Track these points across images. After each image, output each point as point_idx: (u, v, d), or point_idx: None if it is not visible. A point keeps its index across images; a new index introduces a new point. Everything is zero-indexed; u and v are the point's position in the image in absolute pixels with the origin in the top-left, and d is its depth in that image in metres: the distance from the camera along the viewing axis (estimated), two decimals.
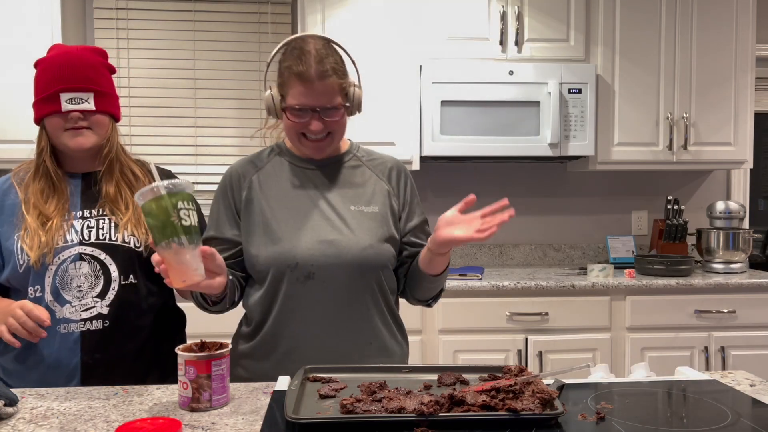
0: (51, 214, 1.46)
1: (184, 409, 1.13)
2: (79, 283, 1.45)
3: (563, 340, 2.81)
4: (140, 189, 1.12)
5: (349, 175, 1.53)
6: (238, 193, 1.50)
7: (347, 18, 2.98)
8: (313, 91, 1.38)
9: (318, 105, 1.39)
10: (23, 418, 1.09)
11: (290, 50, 1.43)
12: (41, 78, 1.47)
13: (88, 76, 1.47)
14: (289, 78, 1.40)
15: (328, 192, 1.49)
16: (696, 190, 3.59)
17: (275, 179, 1.50)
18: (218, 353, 1.14)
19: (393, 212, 1.52)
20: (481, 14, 3.03)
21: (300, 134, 1.44)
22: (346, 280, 1.43)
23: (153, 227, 1.11)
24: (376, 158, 1.58)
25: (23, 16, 2.86)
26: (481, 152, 2.95)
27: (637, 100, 3.11)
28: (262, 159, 1.55)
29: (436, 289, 1.55)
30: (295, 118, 1.41)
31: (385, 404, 1.03)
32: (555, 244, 3.51)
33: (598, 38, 3.08)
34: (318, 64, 1.38)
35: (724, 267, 3.11)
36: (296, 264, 1.41)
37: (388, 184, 1.54)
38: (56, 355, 1.43)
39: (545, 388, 1.07)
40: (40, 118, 1.48)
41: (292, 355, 1.43)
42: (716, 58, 3.13)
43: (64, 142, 1.47)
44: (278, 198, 1.48)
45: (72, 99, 1.45)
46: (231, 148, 3.36)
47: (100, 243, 1.47)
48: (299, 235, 1.43)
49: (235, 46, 3.33)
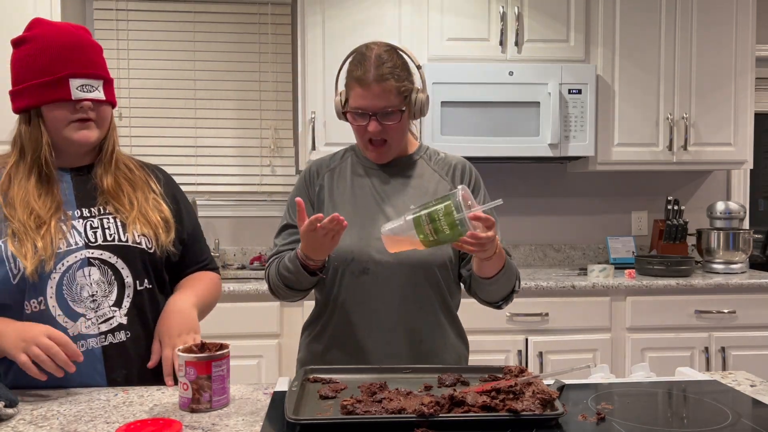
0: (45, 215, 1.27)
1: (184, 410, 1.13)
2: (91, 292, 1.28)
3: (563, 341, 2.81)
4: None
5: (414, 175, 1.57)
6: (312, 188, 1.58)
7: (347, 19, 2.98)
8: (370, 94, 1.44)
9: (374, 107, 1.44)
10: (24, 419, 1.09)
11: (354, 56, 1.51)
12: (39, 58, 1.27)
13: (96, 61, 1.31)
14: (350, 82, 1.48)
15: (391, 191, 1.54)
16: (696, 190, 3.59)
17: (343, 178, 1.57)
18: (218, 354, 1.14)
19: None
20: (481, 15, 3.03)
21: (366, 140, 1.50)
22: (400, 277, 1.47)
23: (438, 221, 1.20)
24: (442, 158, 1.61)
25: (23, 16, 2.85)
26: (482, 153, 2.95)
27: (637, 101, 3.11)
28: (336, 158, 1.62)
29: (498, 292, 1.49)
30: (354, 120, 1.49)
31: (385, 405, 1.04)
32: (555, 244, 3.51)
33: (598, 39, 3.08)
34: (376, 69, 1.44)
35: (724, 267, 3.11)
36: (352, 259, 1.48)
37: (450, 183, 1.57)
38: (79, 379, 1.25)
39: (546, 389, 1.07)
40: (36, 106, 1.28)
41: (340, 344, 1.51)
42: (716, 58, 3.13)
43: (67, 136, 1.29)
44: (343, 196, 1.55)
45: (83, 86, 1.28)
46: (230, 149, 3.36)
47: (109, 245, 1.31)
48: (357, 232, 1.48)
49: (235, 47, 3.33)
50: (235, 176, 3.35)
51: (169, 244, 1.40)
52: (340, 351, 1.52)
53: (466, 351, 1.61)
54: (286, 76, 3.36)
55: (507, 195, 3.46)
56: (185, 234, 1.48)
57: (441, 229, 1.20)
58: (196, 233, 1.53)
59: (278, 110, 3.37)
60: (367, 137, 1.49)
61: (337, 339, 1.52)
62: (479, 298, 1.56)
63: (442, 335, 1.53)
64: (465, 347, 1.61)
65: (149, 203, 1.40)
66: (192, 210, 1.55)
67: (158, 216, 1.40)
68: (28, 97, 1.29)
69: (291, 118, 3.37)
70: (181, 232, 1.46)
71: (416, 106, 1.51)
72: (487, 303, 1.56)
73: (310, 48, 2.97)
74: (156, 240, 1.37)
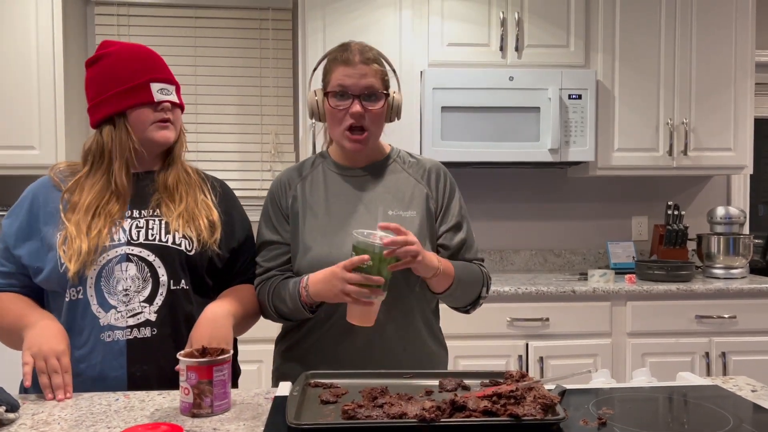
0: (103, 220, 1.36)
1: (185, 415, 1.13)
2: (125, 286, 1.34)
3: (564, 346, 2.80)
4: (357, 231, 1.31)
5: (389, 179, 1.54)
6: (285, 200, 1.54)
7: (348, 25, 2.99)
8: (356, 72, 1.42)
9: (359, 86, 1.42)
10: (25, 424, 1.09)
11: (333, 49, 1.50)
12: (119, 69, 1.38)
13: (167, 69, 1.45)
14: (333, 65, 1.46)
15: (368, 197, 1.52)
16: (696, 195, 3.59)
17: (317, 186, 1.54)
18: (220, 359, 1.14)
19: (430, 216, 1.52)
20: (482, 20, 3.04)
21: (344, 128, 1.46)
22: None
23: (365, 270, 1.29)
24: (416, 161, 1.59)
25: (25, 20, 2.86)
26: (482, 158, 2.96)
27: (637, 106, 3.12)
28: (306, 167, 1.59)
29: (458, 302, 1.53)
30: (336, 101, 1.44)
31: (386, 410, 1.03)
32: (555, 249, 3.51)
33: (598, 44, 3.09)
34: (361, 53, 1.45)
35: (724, 272, 3.11)
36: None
37: (426, 187, 1.54)
38: (100, 367, 1.32)
39: (547, 394, 1.07)
40: (121, 111, 1.38)
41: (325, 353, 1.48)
42: (716, 63, 3.14)
43: (150, 136, 1.40)
44: (319, 204, 1.52)
45: (162, 90, 1.40)
46: (232, 154, 3.36)
47: (149, 243, 1.37)
48: (334, 241, 1.46)
49: (236, 52, 3.34)
50: (236, 181, 3.35)
51: (213, 245, 1.43)
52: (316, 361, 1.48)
53: (446, 357, 1.61)
54: (286, 81, 3.36)
55: (507, 200, 3.47)
56: (236, 243, 1.51)
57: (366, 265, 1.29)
58: (247, 245, 1.55)
59: (279, 115, 3.37)
60: (346, 123, 1.44)
61: (311, 350, 1.50)
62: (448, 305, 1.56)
63: (422, 342, 1.52)
64: (444, 353, 1.61)
65: (198, 204, 1.46)
66: (248, 224, 1.58)
67: (205, 218, 1.44)
68: (113, 105, 1.39)
69: (292, 123, 3.37)
70: (231, 241, 1.49)
71: (394, 105, 1.50)
72: (454, 308, 1.57)
73: (311, 53, 2.98)
74: (198, 241, 1.41)
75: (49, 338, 1.26)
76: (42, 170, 2.72)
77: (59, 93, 2.88)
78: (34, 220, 1.39)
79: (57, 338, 1.27)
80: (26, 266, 1.38)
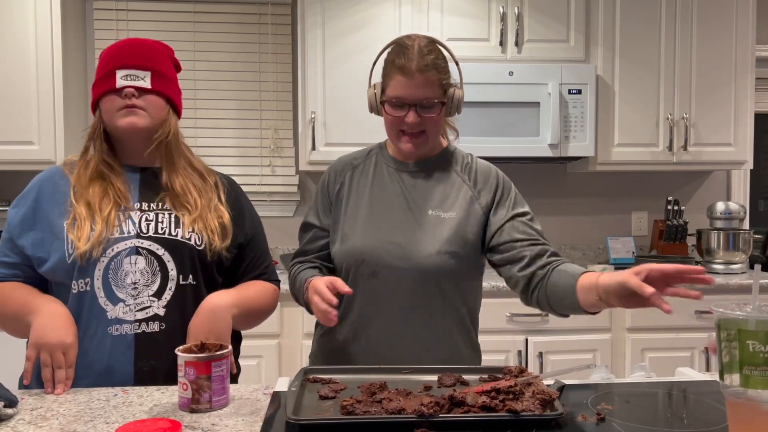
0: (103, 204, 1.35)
1: (183, 410, 1.13)
2: (134, 280, 1.33)
3: (563, 341, 2.80)
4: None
5: (436, 178, 1.52)
6: (333, 187, 1.56)
7: (347, 19, 2.98)
8: (413, 83, 1.40)
9: (416, 97, 1.40)
10: (23, 420, 1.09)
11: (394, 47, 1.46)
12: (100, 63, 1.41)
13: (145, 56, 1.40)
14: (391, 70, 1.43)
15: (412, 194, 1.50)
16: (696, 190, 3.58)
17: (366, 176, 1.55)
18: (218, 354, 1.14)
19: (475, 218, 1.48)
20: (481, 15, 3.03)
21: (398, 131, 1.46)
22: (409, 282, 1.44)
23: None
24: (468, 162, 1.56)
25: (24, 15, 2.85)
26: (481, 153, 2.89)
27: (637, 101, 3.11)
28: (361, 156, 1.60)
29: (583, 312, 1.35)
30: (392, 110, 1.44)
31: (385, 405, 1.03)
32: (555, 244, 3.51)
33: (598, 39, 3.08)
34: (420, 59, 1.40)
35: (724, 268, 3.11)
36: (363, 260, 1.45)
37: (472, 190, 1.51)
38: (108, 361, 1.31)
39: (545, 389, 1.07)
40: (96, 101, 1.40)
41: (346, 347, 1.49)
42: (716, 58, 3.13)
43: (115, 124, 1.38)
44: (363, 195, 1.52)
45: (127, 75, 1.37)
46: (231, 149, 3.36)
47: (159, 237, 1.36)
48: (370, 233, 1.47)
49: (235, 47, 3.33)
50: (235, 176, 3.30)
51: (222, 250, 1.43)
52: (350, 351, 1.49)
53: (478, 360, 1.57)
54: (286, 77, 3.36)
55: None
56: (243, 239, 1.50)
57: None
58: (256, 242, 1.54)
59: (278, 110, 3.36)
60: (401, 128, 1.44)
61: (347, 340, 1.49)
62: (551, 309, 1.39)
63: (451, 346, 1.48)
64: (477, 357, 1.57)
65: (211, 209, 1.45)
66: (257, 220, 1.58)
67: (216, 222, 1.44)
68: (93, 94, 1.41)
69: (291, 118, 3.37)
70: (238, 237, 1.48)
71: (454, 102, 1.48)
72: (556, 314, 1.42)
73: (311, 48, 2.97)
74: (209, 244, 1.40)
75: (57, 329, 1.25)
76: (41, 165, 2.73)
77: (58, 88, 2.88)
78: (40, 209, 1.38)
79: (65, 329, 1.26)
80: (30, 257, 1.36)
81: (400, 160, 1.54)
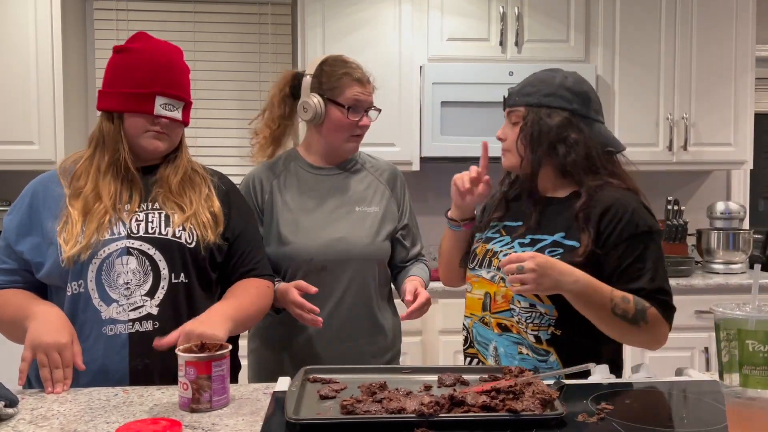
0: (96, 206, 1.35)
1: (184, 410, 1.13)
2: (126, 280, 1.34)
3: None
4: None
5: (354, 179, 1.77)
6: (260, 196, 1.73)
7: (347, 19, 2.98)
8: (366, 91, 1.70)
9: (369, 102, 1.71)
10: (24, 419, 1.09)
11: (334, 62, 1.72)
12: (134, 70, 1.39)
13: (183, 84, 1.43)
14: (348, 81, 1.67)
15: (337, 194, 1.73)
16: (696, 190, 3.58)
17: (292, 184, 1.73)
18: (218, 354, 1.14)
19: (392, 212, 1.77)
20: (482, 15, 3.03)
21: (348, 135, 1.69)
22: (352, 271, 1.67)
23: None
24: (374, 162, 1.82)
25: (23, 14, 2.85)
26: None
27: (637, 101, 3.11)
28: (278, 166, 1.77)
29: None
30: (352, 115, 1.67)
31: (385, 405, 1.03)
32: None
33: (598, 39, 3.08)
34: (365, 74, 1.72)
35: (724, 267, 3.11)
36: (311, 258, 1.65)
37: (387, 188, 1.79)
38: (102, 361, 1.32)
39: (545, 389, 1.07)
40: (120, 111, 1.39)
41: (299, 336, 1.67)
42: (716, 58, 3.13)
43: (141, 144, 1.41)
44: (294, 200, 1.71)
45: (166, 105, 1.40)
46: (230, 149, 3.35)
47: (149, 237, 1.37)
48: (313, 233, 1.67)
49: (235, 47, 3.33)
50: (234, 176, 3.31)
51: (217, 238, 1.44)
52: (300, 339, 1.68)
53: (399, 324, 1.83)
54: None
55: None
56: (230, 233, 1.49)
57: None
58: (247, 237, 1.53)
59: None
60: (353, 131, 1.69)
61: (302, 329, 1.67)
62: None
63: (387, 318, 1.77)
64: (398, 319, 1.82)
65: (202, 200, 1.46)
66: (248, 215, 1.59)
67: (208, 213, 1.45)
68: (116, 102, 1.40)
69: None
70: (226, 230, 1.47)
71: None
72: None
73: (310, 48, 2.97)
74: (201, 237, 1.41)
75: (52, 330, 1.26)
76: (41, 165, 2.73)
77: (58, 88, 2.87)
78: (35, 214, 1.39)
79: (60, 330, 1.26)
80: (28, 261, 1.37)
81: (318, 165, 1.75)
